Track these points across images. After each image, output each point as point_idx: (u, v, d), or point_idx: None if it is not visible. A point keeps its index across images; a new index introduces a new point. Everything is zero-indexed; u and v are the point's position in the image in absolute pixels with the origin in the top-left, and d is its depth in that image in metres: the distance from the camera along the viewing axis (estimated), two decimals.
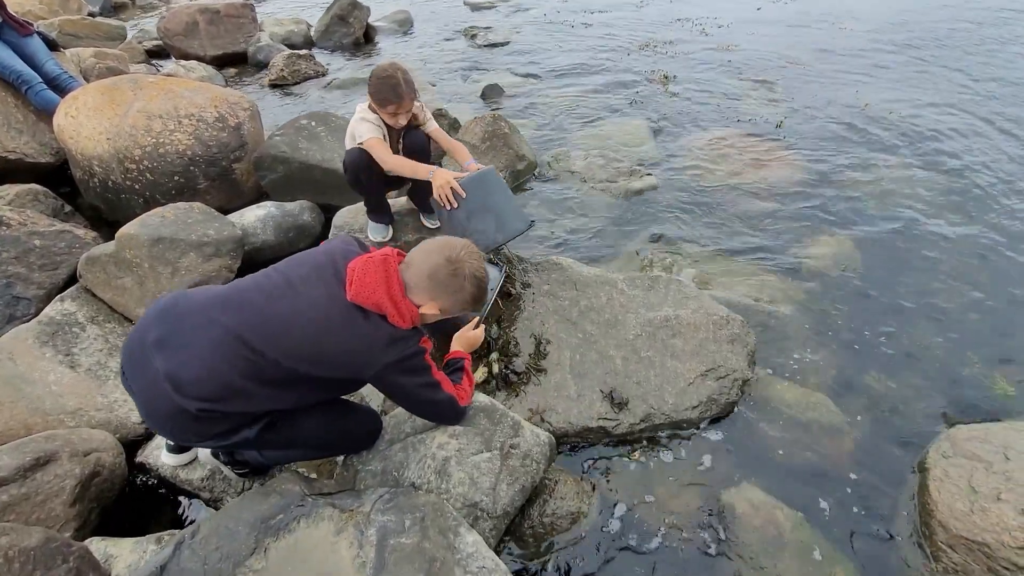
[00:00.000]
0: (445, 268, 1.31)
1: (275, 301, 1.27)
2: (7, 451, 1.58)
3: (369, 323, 1.27)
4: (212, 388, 1.22)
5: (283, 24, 7.16)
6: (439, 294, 1.32)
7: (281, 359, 1.24)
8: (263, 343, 1.23)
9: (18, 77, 3.37)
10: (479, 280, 1.37)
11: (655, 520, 1.75)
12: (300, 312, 1.25)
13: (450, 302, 1.35)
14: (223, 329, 1.23)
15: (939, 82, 5.06)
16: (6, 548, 1.19)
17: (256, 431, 1.32)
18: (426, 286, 1.31)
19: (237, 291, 1.31)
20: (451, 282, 1.31)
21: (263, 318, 1.25)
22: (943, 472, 1.72)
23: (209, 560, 1.18)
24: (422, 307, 1.33)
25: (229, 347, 1.22)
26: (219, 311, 1.26)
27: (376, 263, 1.28)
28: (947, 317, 2.50)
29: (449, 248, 1.34)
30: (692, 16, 7.59)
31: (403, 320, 1.29)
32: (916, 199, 3.37)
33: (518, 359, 2.10)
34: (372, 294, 1.25)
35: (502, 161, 3.65)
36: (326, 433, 1.49)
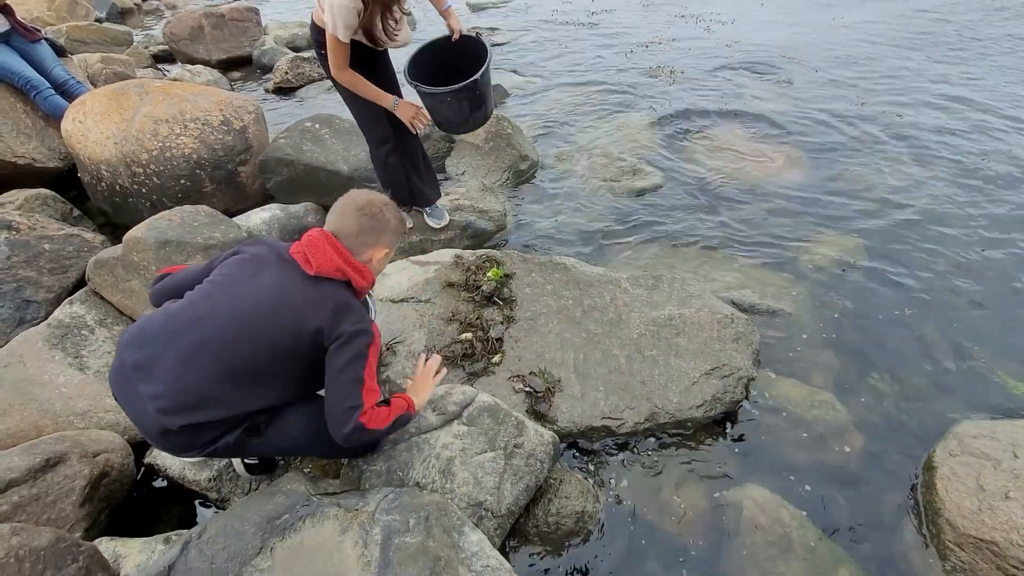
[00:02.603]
0: (364, 217, 1.41)
1: (238, 296, 1.32)
2: (18, 452, 1.61)
3: (332, 293, 1.34)
4: (189, 400, 1.26)
5: (287, 27, 7.19)
6: (376, 238, 1.43)
7: (254, 349, 1.28)
8: (235, 338, 1.27)
9: (27, 83, 3.41)
10: (388, 202, 1.48)
11: (660, 519, 1.75)
12: (266, 296, 1.31)
13: (387, 236, 1.46)
14: (192, 339, 1.28)
15: (944, 79, 5.02)
16: (17, 548, 1.21)
17: (236, 436, 1.33)
18: (363, 240, 1.41)
19: (198, 300, 1.35)
20: (375, 223, 1.42)
21: (231, 313, 1.29)
22: (950, 470, 1.70)
23: (216, 560, 1.19)
24: (372, 258, 1.44)
25: (199, 355, 1.27)
26: (186, 322, 1.31)
27: (317, 239, 1.37)
28: (953, 315, 2.48)
29: (353, 202, 1.43)
30: (695, 13, 7.56)
31: (364, 279, 1.40)
32: (921, 197, 3.35)
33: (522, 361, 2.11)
34: (331, 262, 1.34)
35: (505, 161, 3.66)
36: (312, 432, 1.47)
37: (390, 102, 2.26)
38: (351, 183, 3.33)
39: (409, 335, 2.20)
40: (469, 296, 2.34)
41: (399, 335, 2.22)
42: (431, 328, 2.21)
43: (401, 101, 2.27)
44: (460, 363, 2.09)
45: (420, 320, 2.25)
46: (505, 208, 3.26)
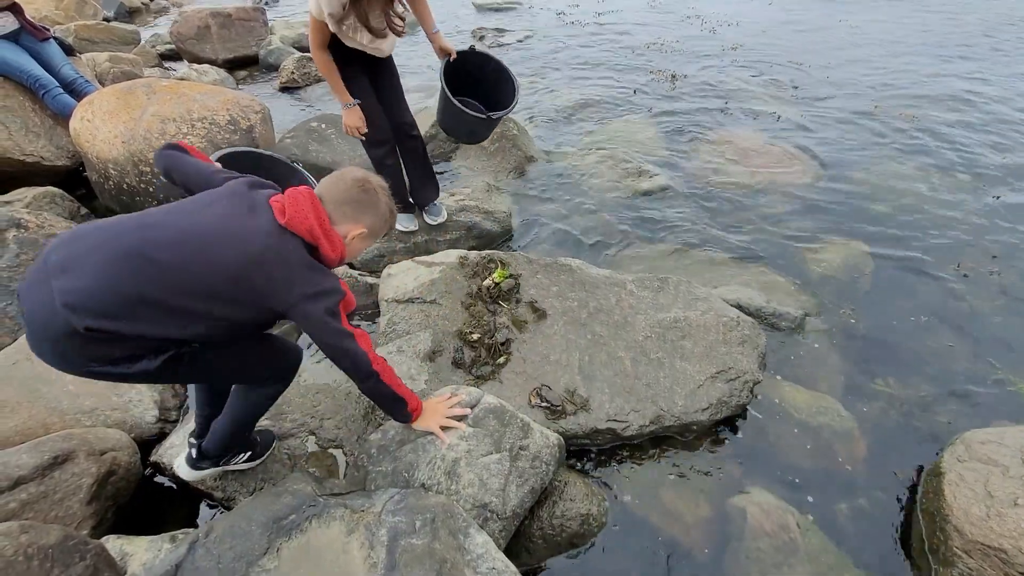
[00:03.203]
0: (356, 188, 1.36)
1: (197, 221, 1.24)
2: (26, 450, 1.61)
3: (294, 248, 1.27)
4: (106, 303, 1.15)
5: (293, 27, 7.22)
6: (360, 213, 1.37)
7: (195, 278, 1.19)
8: (178, 261, 1.19)
9: (35, 81, 3.43)
10: (386, 189, 1.43)
11: (665, 523, 1.74)
12: (225, 231, 1.23)
13: (371, 218, 1.39)
14: (128, 245, 1.18)
15: (956, 80, 4.99)
16: (26, 545, 1.22)
17: (159, 363, 1.24)
18: (345, 211, 1.35)
19: (151, 214, 1.28)
20: (366, 197, 1.37)
21: (181, 235, 1.21)
22: (958, 476, 1.69)
23: (223, 559, 1.19)
24: (349, 234, 1.36)
25: (133, 261, 1.17)
26: (128, 228, 1.22)
27: (303, 195, 1.31)
28: (962, 321, 2.47)
29: (351, 172, 1.39)
30: (701, 15, 7.55)
31: (333, 249, 1.33)
32: (930, 202, 3.33)
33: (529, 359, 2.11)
34: (305, 220, 1.27)
35: (511, 162, 3.66)
36: (243, 367, 1.45)
37: (345, 101, 2.32)
38: None
39: (414, 335, 2.20)
40: (475, 297, 2.34)
41: (404, 335, 2.22)
42: (437, 328, 2.21)
43: (351, 108, 2.33)
44: (468, 368, 2.09)
45: (426, 320, 2.26)
46: (510, 209, 3.26)
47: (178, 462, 1.72)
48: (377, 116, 2.45)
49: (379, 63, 2.40)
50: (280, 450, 1.87)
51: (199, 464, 1.69)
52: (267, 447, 1.83)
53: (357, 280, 2.61)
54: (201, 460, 1.68)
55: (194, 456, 1.68)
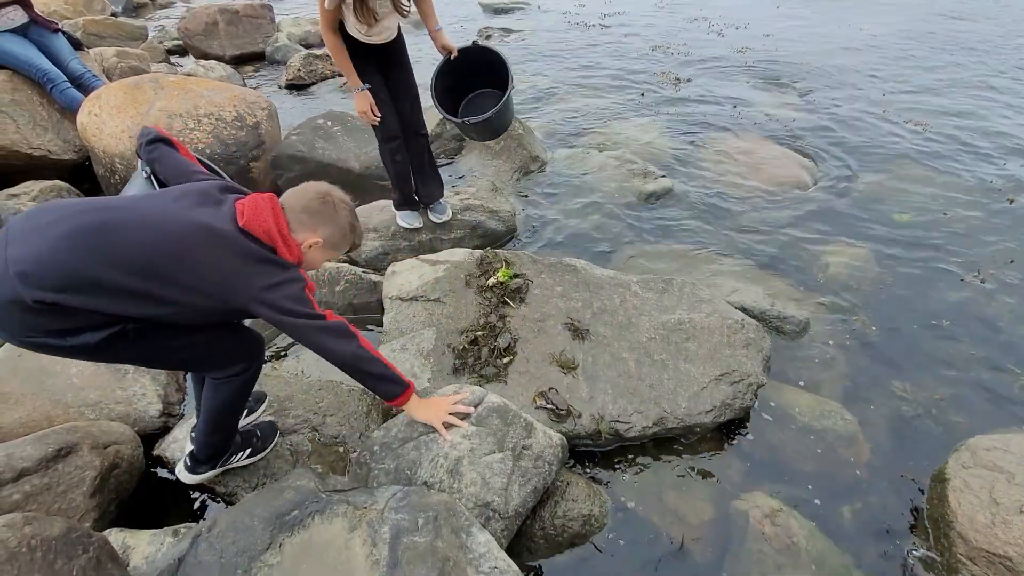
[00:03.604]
0: (316, 199, 1.39)
1: (161, 210, 1.25)
2: (30, 442, 1.62)
3: (251, 245, 1.28)
4: (56, 277, 1.15)
5: (300, 24, 7.23)
6: (317, 223, 1.39)
7: (151, 263, 1.19)
8: (134, 243, 1.19)
9: (44, 75, 3.44)
10: (349, 206, 1.46)
11: (666, 525, 1.74)
12: (185, 221, 1.24)
13: (329, 230, 1.41)
14: (88, 222, 1.18)
15: (963, 89, 4.97)
16: (30, 537, 1.22)
17: (101, 337, 1.24)
18: (303, 219, 1.38)
19: (119, 198, 1.30)
20: (324, 208, 1.39)
21: (142, 220, 1.22)
22: (963, 483, 1.68)
23: (226, 554, 1.19)
24: (305, 241, 1.38)
25: (90, 240, 1.17)
26: (94, 209, 1.23)
27: (264, 199, 1.34)
28: (967, 325, 2.45)
29: (315, 185, 1.43)
30: (708, 17, 7.54)
31: (290, 253, 1.35)
32: (938, 207, 3.31)
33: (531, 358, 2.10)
34: (263, 222, 1.30)
35: (516, 162, 3.66)
36: (191, 352, 1.44)
37: (355, 86, 2.31)
38: (362, 180, 3.35)
39: (418, 333, 2.20)
40: (479, 296, 2.33)
41: (408, 333, 2.22)
42: (440, 327, 2.21)
43: (362, 92, 2.31)
44: (471, 367, 2.08)
45: (429, 319, 2.26)
46: (515, 208, 3.26)
47: (179, 467, 1.72)
48: (387, 114, 2.45)
49: (392, 59, 2.38)
50: (282, 446, 1.87)
51: (196, 469, 1.69)
52: (269, 440, 1.83)
53: (361, 277, 2.61)
54: (198, 465, 1.68)
55: (189, 463, 1.68)
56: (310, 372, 2.19)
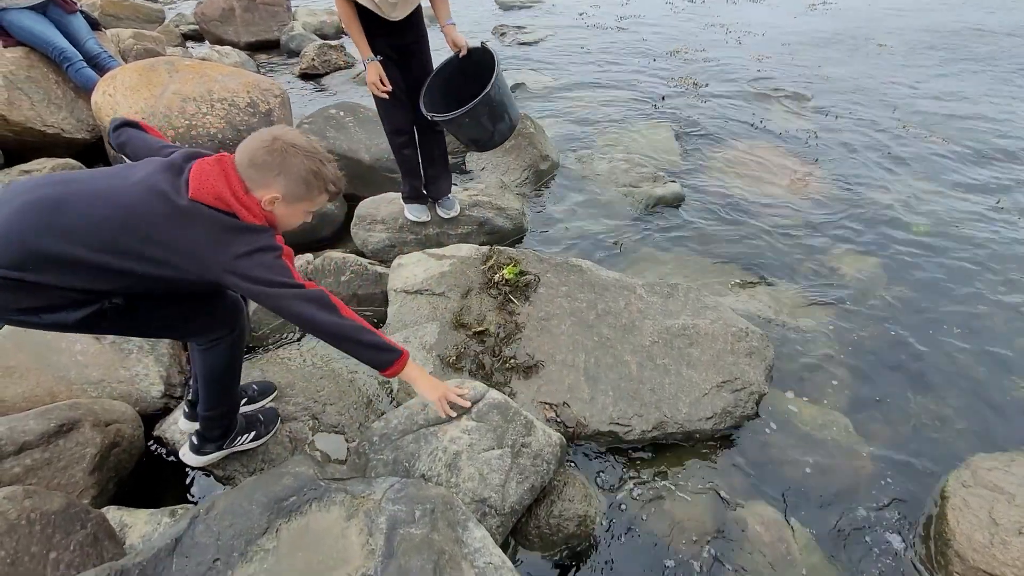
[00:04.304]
0: (261, 149, 1.25)
1: (119, 181, 1.20)
2: (33, 416, 1.63)
3: (213, 213, 1.20)
4: (10, 254, 1.12)
5: (316, 14, 7.24)
6: (268, 176, 1.25)
7: (106, 235, 1.15)
8: (88, 216, 1.15)
9: (60, 54, 3.46)
10: (306, 150, 1.28)
11: (662, 530, 1.73)
12: (143, 192, 1.18)
13: (284, 181, 1.26)
14: (42, 196, 1.15)
15: (979, 103, 4.93)
16: (29, 510, 1.23)
17: (79, 317, 1.21)
18: (253, 175, 1.25)
19: (80, 172, 1.27)
20: (271, 158, 1.24)
21: (96, 192, 1.18)
22: (962, 501, 1.67)
23: (222, 536, 1.20)
24: (263, 199, 1.26)
25: (45, 215, 1.13)
26: (51, 184, 1.20)
27: (210, 162, 1.25)
28: (974, 344, 2.44)
29: (262, 132, 1.29)
30: (726, 24, 7.50)
31: (252, 215, 1.24)
32: (949, 219, 3.29)
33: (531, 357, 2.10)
34: (212, 188, 1.20)
35: (526, 160, 3.65)
36: (170, 319, 1.41)
37: (365, 56, 2.28)
38: (372, 172, 3.35)
39: (421, 327, 2.21)
40: (484, 292, 2.33)
41: (412, 326, 2.22)
42: (444, 321, 2.21)
43: (372, 63, 2.29)
44: (474, 365, 2.08)
45: (433, 313, 2.26)
46: (523, 207, 3.26)
47: (183, 451, 1.72)
48: (397, 108, 2.44)
49: (411, 43, 2.35)
50: (282, 433, 1.88)
51: (202, 449, 1.69)
52: (271, 425, 1.84)
53: (367, 268, 2.61)
54: (204, 444, 1.68)
55: (196, 442, 1.69)
56: (312, 360, 2.20)
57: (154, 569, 1.13)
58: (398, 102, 2.42)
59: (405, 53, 2.35)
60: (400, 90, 2.40)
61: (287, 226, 1.36)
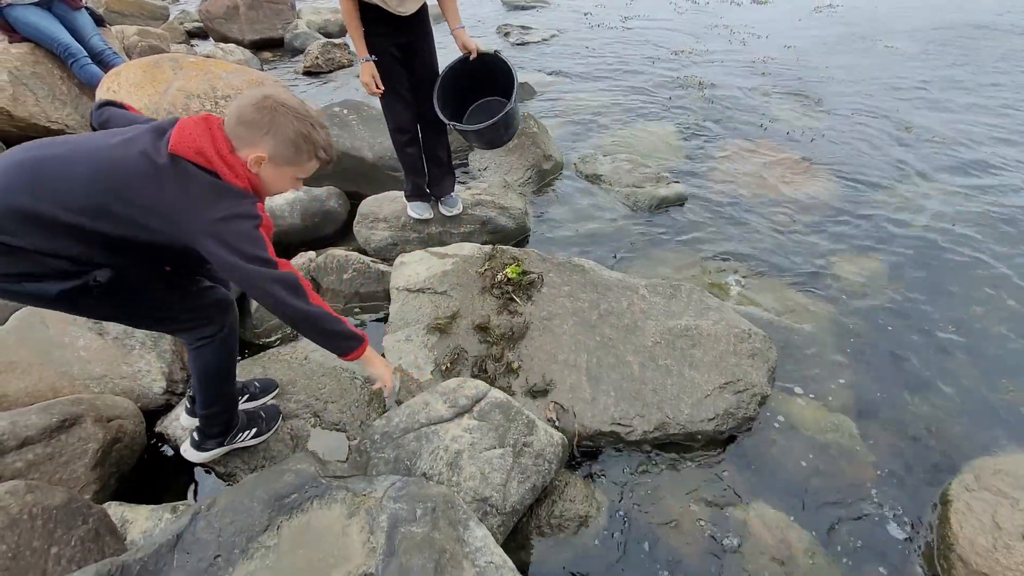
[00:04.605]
0: (251, 107, 1.21)
1: (100, 144, 1.18)
2: (35, 411, 1.63)
3: (196, 174, 1.17)
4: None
5: (320, 13, 7.25)
6: (255, 134, 1.21)
7: (80, 194, 1.13)
8: (65, 175, 1.13)
9: (65, 50, 3.46)
10: (298, 112, 1.24)
11: (662, 530, 1.73)
12: (120, 151, 1.16)
13: (272, 141, 1.22)
14: (22, 158, 1.15)
15: (984, 105, 4.91)
16: (31, 505, 1.23)
17: (61, 290, 1.19)
18: (241, 133, 1.21)
19: (63, 136, 1.24)
20: (260, 116, 1.21)
21: (74, 153, 1.16)
22: (966, 505, 1.67)
23: (224, 533, 1.20)
24: (249, 158, 1.22)
25: (24, 176, 1.13)
26: (32, 147, 1.18)
27: (196, 118, 1.21)
28: (978, 345, 2.42)
29: (253, 90, 1.25)
30: (730, 25, 7.49)
31: (235, 175, 1.21)
32: (952, 223, 3.28)
33: (533, 360, 2.10)
34: (194, 142, 1.16)
35: (529, 159, 3.65)
36: (155, 307, 1.39)
37: (361, 55, 2.29)
38: (375, 170, 3.35)
39: (423, 325, 2.20)
40: (486, 291, 2.33)
41: (414, 324, 2.22)
42: (447, 322, 2.21)
43: (367, 63, 2.29)
44: (476, 367, 2.08)
45: (435, 311, 2.26)
46: (526, 206, 3.25)
47: (184, 447, 1.72)
48: (401, 106, 2.44)
49: (416, 40, 2.34)
50: (283, 430, 1.88)
51: (204, 445, 1.69)
52: (272, 422, 1.84)
53: (369, 266, 2.61)
54: (205, 441, 1.68)
55: (197, 438, 1.69)
56: (314, 358, 2.20)
57: (155, 565, 1.13)
58: (402, 101, 2.42)
59: (409, 52, 2.34)
60: (404, 89, 2.40)
61: (273, 191, 1.33)
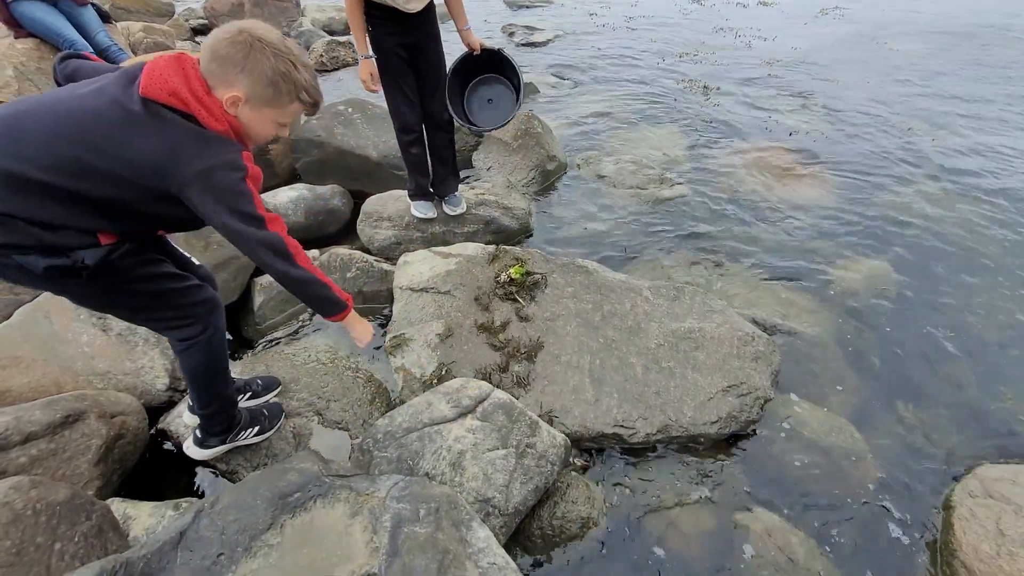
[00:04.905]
0: (225, 41, 1.12)
1: (72, 95, 1.12)
2: (39, 407, 1.63)
3: (172, 120, 1.10)
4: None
5: (324, 11, 7.25)
6: (229, 71, 1.12)
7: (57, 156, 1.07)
8: (39, 130, 1.08)
9: (70, 46, 3.47)
10: (277, 48, 1.14)
11: (664, 533, 1.73)
12: (92, 100, 1.10)
13: (247, 79, 1.13)
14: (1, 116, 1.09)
15: (989, 109, 4.90)
16: (35, 500, 1.23)
17: (48, 265, 1.14)
18: (214, 70, 1.12)
19: (37, 94, 1.19)
20: (234, 51, 1.11)
21: (40, 106, 1.10)
22: (969, 511, 1.66)
23: (227, 531, 1.20)
24: (224, 99, 1.14)
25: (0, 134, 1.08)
26: (6, 105, 1.13)
27: (167, 57, 1.12)
28: (982, 350, 2.42)
29: (228, 24, 1.15)
30: (737, 27, 7.48)
31: (214, 118, 1.13)
32: (957, 227, 3.27)
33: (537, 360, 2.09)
34: (166, 83, 1.08)
35: (533, 160, 3.65)
36: (142, 302, 1.37)
37: (360, 52, 2.29)
38: (379, 169, 3.35)
39: (427, 325, 2.20)
40: (489, 291, 2.33)
41: (417, 324, 2.22)
42: (449, 319, 2.21)
43: (366, 60, 2.30)
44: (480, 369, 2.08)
45: (439, 311, 2.26)
46: (529, 206, 3.25)
47: (187, 444, 1.72)
48: (405, 106, 2.44)
49: (421, 40, 2.34)
50: (285, 428, 1.88)
51: (206, 443, 1.69)
52: (275, 420, 1.84)
53: (372, 265, 2.61)
54: (207, 438, 1.68)
55: (199, 436, 1.69)
56: (317, 356, 2.20)
57: (159, 562, 1.13)
58: (407, 101, 2.42)
59: (415, 51, 2.34)
60: (409, 88, 2.40)
61: (255, 136, 1.25)
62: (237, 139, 1.19)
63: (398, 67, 2.33)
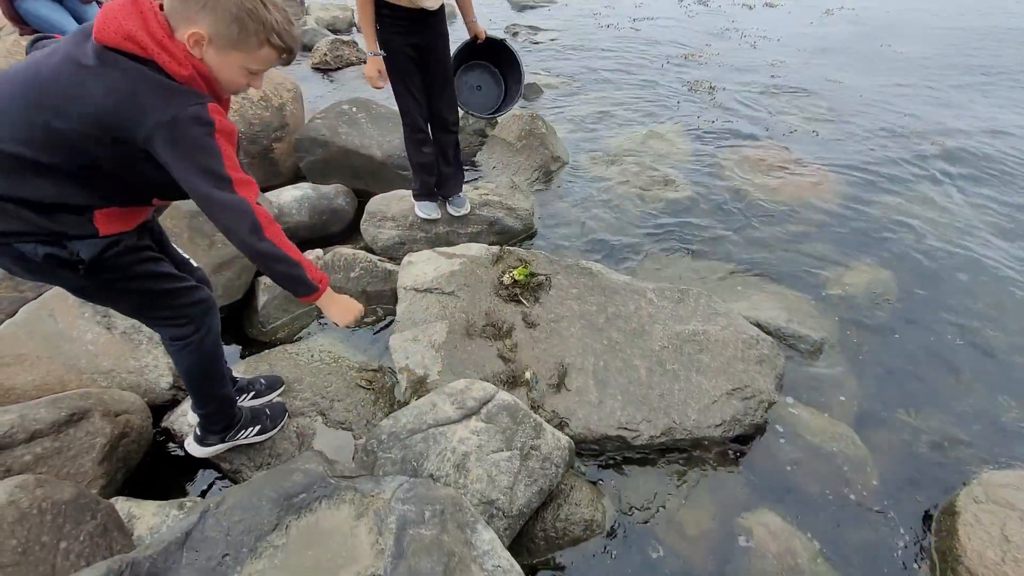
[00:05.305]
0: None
1: (32, 62, 1.07)
2: (44, 405, 1.63)
3: (128, 67, 1.02)
4: None
5: (329, 9, 7.25)
6: (190, 8, 1.04)
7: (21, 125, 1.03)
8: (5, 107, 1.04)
9: None
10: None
11: (668, 536, 1.72)
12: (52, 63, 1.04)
13: (211, 18, 1.04)
14: None
15: (992, 112, 4.89)
16: (41, 499, 1.23)
17: (45, 254, 1.12)
18: (176, 7, 1.04)
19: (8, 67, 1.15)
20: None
21: (4, 76, 1.07)
22: (974, 517, 1.66)
23: (232, 531, 1.20)
24: (187, 37, 1.05)
25: None
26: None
27: (122, 0, 1.03)
28: (986, 356, 2.41)
29: None
30: (742, 28, 7.46)
31: (176, 62, 1.04)
32: (960, 231, 3.26)
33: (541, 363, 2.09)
34: (120, 26, 1.00)
35: (537, 160, 3.65)
36: (138, 299, 1.37)
37: (369, 49, 2.29)
38: (384, 168, 3.35)
39: (431, 325, 2.20)
40: (493, 293, 2.33)
41: (421, 324, 2.22)
42: (453, 320, 2.21)
43: (374, 57, 2.29)
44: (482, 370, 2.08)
45: (443, 311, 2.25)
46: (533, 207, 3.25)
47: (188, 441, 1.72)
48: (415, 109, 2.44)
49: (431, 40, 2.33)
50: (289, 428, 1.88)
51: (206, 441, 1.69)
52: (278, 420, 1.84)
53: (376, 265, 2.61)
54: (207, 436, 1.68)
55: (199, 433, 1.69)
56: (320, 356, 2.20)
57: (164, 562, 1.13)
58: (416, 101, 2.42)
59: (424, 51, 2.34)
60: (416, 88, 2.40)
61: (224, 84, 1.15)
62: (208, 88, 1.11)
63: (405, 66, 2.32)
